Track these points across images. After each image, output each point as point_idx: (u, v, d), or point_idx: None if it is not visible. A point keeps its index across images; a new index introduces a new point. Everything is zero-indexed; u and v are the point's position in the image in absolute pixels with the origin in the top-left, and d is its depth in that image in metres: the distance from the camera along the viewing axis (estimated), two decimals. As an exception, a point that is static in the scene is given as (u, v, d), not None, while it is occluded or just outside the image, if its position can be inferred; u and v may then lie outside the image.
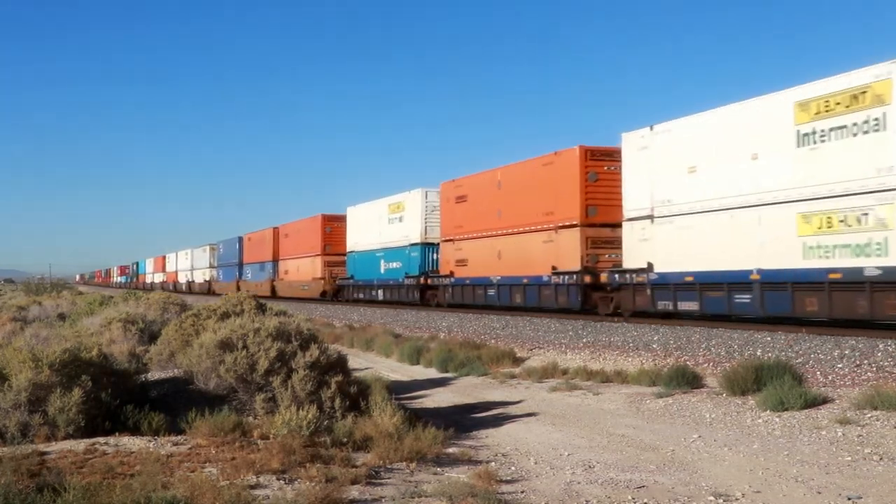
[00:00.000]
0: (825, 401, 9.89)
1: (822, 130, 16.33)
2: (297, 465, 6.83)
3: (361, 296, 41.15)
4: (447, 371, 15.75)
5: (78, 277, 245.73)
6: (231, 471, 6.61)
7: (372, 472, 6.98)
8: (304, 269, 49.20)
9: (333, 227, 46.09)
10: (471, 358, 16.02)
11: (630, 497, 6.58)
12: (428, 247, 34.83)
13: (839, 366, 12.49)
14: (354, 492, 6.36)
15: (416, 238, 35.51)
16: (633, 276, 21.58)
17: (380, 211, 39.25)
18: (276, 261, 55.18)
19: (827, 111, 16.26)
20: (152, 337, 14.71)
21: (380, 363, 18.06)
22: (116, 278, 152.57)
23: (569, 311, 24.51)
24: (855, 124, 15.62)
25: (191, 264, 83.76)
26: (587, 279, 23.40)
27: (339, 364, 9.66)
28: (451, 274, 31.93)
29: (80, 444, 7.60)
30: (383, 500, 6.25)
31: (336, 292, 44.91)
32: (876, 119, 15.26)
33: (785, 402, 9.62)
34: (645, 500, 6.50)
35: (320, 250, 46.53)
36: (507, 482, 7.06)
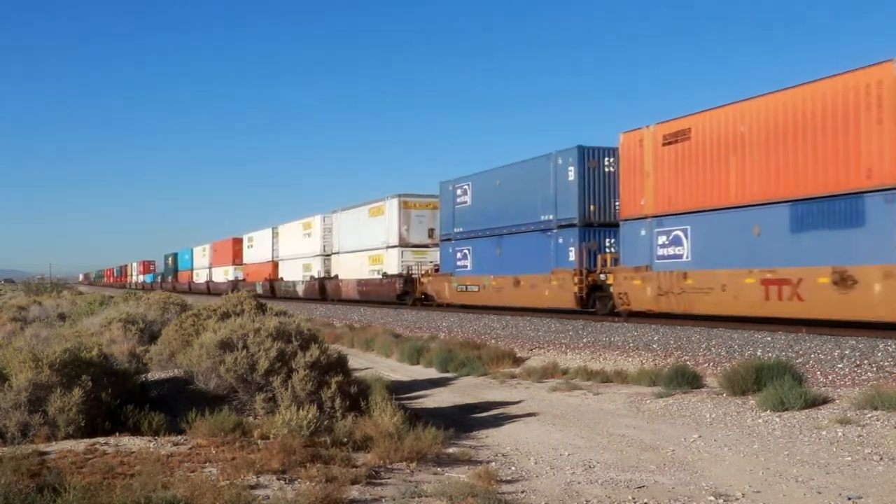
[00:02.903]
0: (825, 401, 9.89)
1: None
2: (298, 465, 6.83)
3: None
4: (447, 371, 15.76)
5: (81, 277, 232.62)
6: (231, 471, 6.61)
7: (372, 472, 6.98)
8: None
9: None
10: (471, 358, 16.03)
11: (630, 497, 6.58)
12: None
13: (839, 366, 12.50)
14: (354, 492, 6.36)
15: None
16: None
17: None
18: None
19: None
20: (152, 337, 14.72)
21: (380, 363, 18.06)
22: (137, 277, 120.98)
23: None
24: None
25: (322, 245, 46.65)
26: None
27: (340, 364, 9.67)
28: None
29: (80, 444, 7.59)
30: (383, 500, 6.25)
31: None
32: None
33: (785, 402, 9.62)
34: (645, 500, 6.50)
35: None
36: (508, 482, 7.06)
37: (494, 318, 25.62)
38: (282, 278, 52.93)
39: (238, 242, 67.32)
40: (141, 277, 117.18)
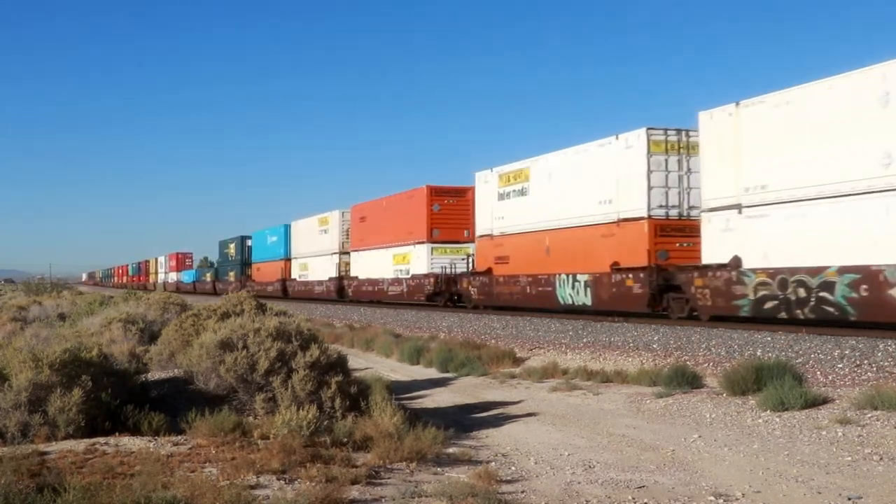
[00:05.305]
0: (825, 401, 9.89)
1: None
2: (298, 465, 6.83)
3: None
4: (447, 371, 15.75)
5: (85, 277, 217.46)
6: (231, 471, 6.62)
7: (372, 472, 6.98)
8: None
9: None
10: (471, 358, 16.02)
11: (630, 497, 6.58)
12: None
13: (839, 366, 12.49)
14: (354, 492, 6.36)
15: None
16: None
17: None
18: None
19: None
20: (152, 337, 14.71)
21: (380, 363, 18.06)
22: (167, 275, 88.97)
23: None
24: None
25: None
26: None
27: (340, 364, 9.67)
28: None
29: (80, 444, 7.60)
30: (383, 500, 6.25)
31: None
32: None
33: (785, 402, 9.62)
34: (645, 500, 6.51)
35: None
36: (508, 482, 7.06)
37: (494, 318, 25.62)
38: (737, 260, 17.74)
39: (441, 195, 34.48)
40: (173, 276, 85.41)
